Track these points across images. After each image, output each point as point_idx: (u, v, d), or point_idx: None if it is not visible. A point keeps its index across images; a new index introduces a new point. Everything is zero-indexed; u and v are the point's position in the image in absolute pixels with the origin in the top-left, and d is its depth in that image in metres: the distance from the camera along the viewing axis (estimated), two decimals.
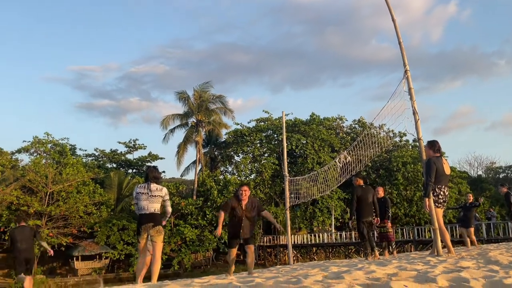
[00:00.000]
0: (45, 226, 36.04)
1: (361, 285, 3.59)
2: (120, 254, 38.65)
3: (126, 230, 39.04)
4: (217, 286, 4.53)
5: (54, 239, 35.64)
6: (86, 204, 38.13)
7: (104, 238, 38.48)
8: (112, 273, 39.21)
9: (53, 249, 36.63)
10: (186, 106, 46.07)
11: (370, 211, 9.33)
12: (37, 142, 45.77)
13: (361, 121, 53.13)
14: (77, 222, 37.27)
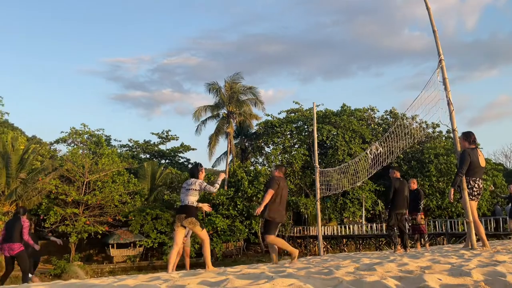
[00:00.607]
0: (82, 215, 37.40)
1: (393, 277, 3.58)
2: (154, 242, 39.69)
3: (159, 219, 40.04)
4: (249, 275, 4.62)
5: (90, 227, 36.97)
6: (121, 193, 39.27)
7: (138, 226, 39.59)
8: (145, 261, 40.39)
9: (90, 237, 38.31)
10: (217, 97, 46.53)
11: (404, 203, 9.47)
12: (74, 133, 47.37)
13: (393, 111, 52.32)
14: (112, 211, 38.49)
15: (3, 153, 36.57)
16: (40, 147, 42.88)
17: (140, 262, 39.95)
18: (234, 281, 3.99)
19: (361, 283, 3.26)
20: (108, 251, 40.25)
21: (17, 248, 8.77)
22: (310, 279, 3.69)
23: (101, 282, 4.95)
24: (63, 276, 32.73)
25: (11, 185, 36.48)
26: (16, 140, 38.89)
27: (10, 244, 8.72)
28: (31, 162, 38.31)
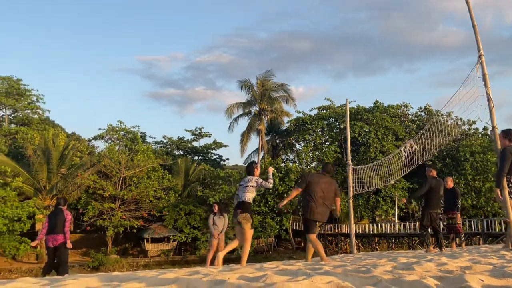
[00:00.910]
0: (119, 209, 38.51)
1: (433, 277, 3.55)
2: (187, 237, 40.42)
3: (193, 215, 40.73)
4: (286, 271, 4.67)
5: (126, 222, 38.03)
6: (156, 189, 40.18)
7: (172, 221, 40.41)
8: (179, 255, 41.19)
9: (126, 231, 39.43)
10: (249, 94, 46.81)
11: (438, 203, 9.31)
12: (111, 130, 48.77)
13: (427, 108, 51.21)
14: (147, 206, 39.45)
15: (45, 149, 38.05)
16: (79, 143, 44.37)
17: (173, 256, 40.80)
18: (272, 277, 4.04)
19: (400, 282, 3.32)
20: (143, 245, 41.27)
21: (60, 239, 9.00)
22: (349, 277, 3.79)
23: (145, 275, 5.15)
24: (101, 268, 33.86)
25: (52, 180, 37.95)
26: (56, 136, 40.39)
27: (54, 235, 8.97)
28: (71, 158, 39.72)
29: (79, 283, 4.08)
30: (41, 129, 45.35)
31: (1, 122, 48.27)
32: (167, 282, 3.86)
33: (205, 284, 3.66)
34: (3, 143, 43.69)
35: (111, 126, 49.12)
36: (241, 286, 3.48)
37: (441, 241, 9.36)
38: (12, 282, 4.41)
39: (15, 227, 34.16)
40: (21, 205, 34.63)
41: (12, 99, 47.13)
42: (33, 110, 49.00)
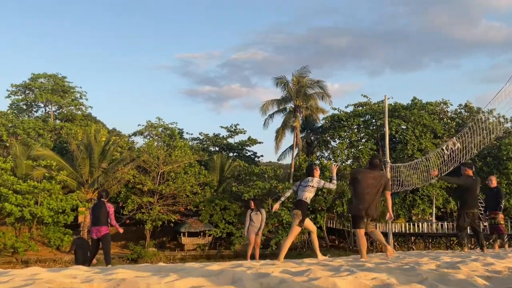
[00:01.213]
0: (157, 204, 39.44)
1: (481, 276, 3.53)
2: (222, 232, 40.94)
3: (228, 210, 41.21)
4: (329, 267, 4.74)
5: (164, 216, 38.92)
6: (192, 184, 40.90)
7: (207, 216, 41.03)
8: (214, 250, 41.80)
9: (163, 225, 40.32)
10: (284, 91, 46.71)
11: (476, 203, 9.08)
12: (150, 126, 49.93)
13: (468, 105, 49.65)
14: (184, 201, 40.23)
15: (87, 145, 39.44)
16: (120, 139, 45.68)
17: (209, 250, 41.44)
18: (316, 271, 4.10)
19: (447, 280, 3.34)
20: (180, 239, 42.12)
21: (104, 231, 9.39)
22: (393, 274, 3.84)
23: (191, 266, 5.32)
24: (139, 260, 34.84)
25: (94, 174, 39.31)
26: (98, 132, 41.77)
27: (98, 227, 9.35)
28: (112, 153, 40.98)
29: (129, 272, 4.33)
30: (84, 125, 46.96)
31: (47, 118, 50.26)
32: (213, 273, 4.00)
33: (249, 276, 3.77)
34: (49, 138, 45.54)
35: (150, 122, 50.33)
36: (285, 279, 3.56)
37: (482, 241, 9.16)
38: (67, 269, 4.70)
39: (60, 219, 35.63)
40: (65, 198, 36.09)
41: (57, 96, 48.98)
42: (77, 106, 50.73)
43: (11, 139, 43.77)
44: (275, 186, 41.49)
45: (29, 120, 47.09)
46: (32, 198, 34.80)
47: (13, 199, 33.96)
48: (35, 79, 49.24)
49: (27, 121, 46.69)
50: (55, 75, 49.71)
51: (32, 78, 49.30)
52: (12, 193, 34.36)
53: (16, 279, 3.69)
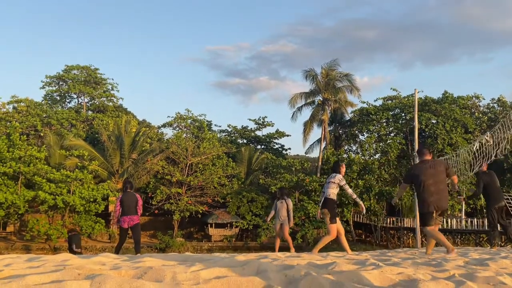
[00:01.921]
0: (185, 194, 40.00)
1: (510, 274, 3.48)
2: (249, 224, 41.21)
3: (255, 202, 41.41)
4: (354, 261, 4.73)
5: (192, 207, 39.46)
6: (220, 176, 41.26)
7: (235, 208, 41.36)
8: (241, 241, 42.14)
9: (191, 215, 40.92)
10: (313, 84, 46.32)
11: (500, 195, 9.02)
12: (179, 118, 50.55)
13: (501, 100, 48.06)
14: (211, 192, 40.65)
15: (118, 135, 40.29)
16: (149, 130, 46.46)
17: (235, 242, 41.80)
18: (341, 265, 4.09)
19: (475, 277, 3.28)
20: (207, 230, 42.63)
21: (136, 220, 9.63)
22: (419, 269, 3.80)
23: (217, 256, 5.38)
24: (167, 250, 35.51)
25: (124, 165, 40.17)
26: (129, 123, 42.57)
27: (130, 216, 9.57)
28: (141, 144, 41.75)
29: (156, 260, 4.42)
30: (115, 116, 47.91)
31: (80, 109, 51.56)
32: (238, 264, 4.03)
33: (274, 268, 3.79)
34: (81, 129, 46.75)
35: (179, 114, 50.90)
36: (310, 272, 3.56)
37: (510, 234, 8.94)
38: (96, 256, 4.84)
39: (91, 208, 36.62)
40: (97, 187, 37.04)
41: (90, 87, 50.12)
42: (108, 98, 51.74)
43: (45, 129, 45.15)
44: (302, 179, 41.40)
45: (63, 111, 48.38)
46: (65, 187, 35.86)
47: (47, 188, 35.09)
48: (69, 70, 50.47)
49: (60, 111, 47.99)
50: (88, 67, 50.83)
51: (66, 69, 50.55)
52: (46, 182, 35.51)
53: (47, 264, 3.82)
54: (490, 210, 8.92)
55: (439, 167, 6.61)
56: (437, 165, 6.66)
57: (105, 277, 2.92)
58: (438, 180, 6.50)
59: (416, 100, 21.89)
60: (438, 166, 6.64)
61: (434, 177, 6.51)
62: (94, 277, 2.94)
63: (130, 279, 3.02)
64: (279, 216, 10.55)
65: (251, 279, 3.14)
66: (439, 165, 6.66)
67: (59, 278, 3.03)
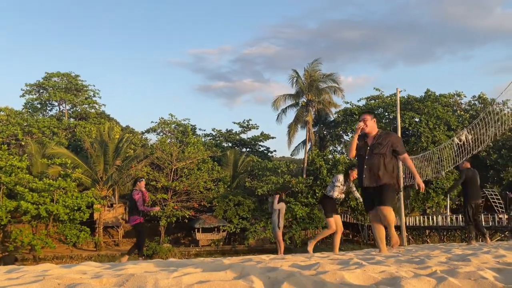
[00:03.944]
0: (171, 200, 39.76)
1: (491, 269, 3.50)
2: (236, 227, 41.15)
3: (241, 206, 41.37)
4: (338, 260, 4.71)
5: (178, 212, 39.24)
6: (206, 180, 41.15)
7: (221, 212, 41.26)
8: (229, 245, 42.04)
9: (177, 221, 40.68)
10: (297, 85, 46.58)
11: (478, 193, 9.41)
12: (163, 123, 50.31)
13: (482, 97, 49.00)
14: (198, 197, 40.51)
15: (101, 142, 39.87)
16: (133, 136, 46.11)
17: (223, 246, 41.68)
18: (325, 265, 4.10)
19: (456, 273, 3.31)
20: (194, 234, 42.44)
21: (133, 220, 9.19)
22: (402, 267, 3.82)
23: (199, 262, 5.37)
24: (154, 256, 35.18)
25: (108, 172, 39.75)
26: (112, 130, 42.19)
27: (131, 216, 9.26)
28: (125, 150, 41.39)
29: (138, 267, 4.37)
30: (97, 122, 47.43)
31: (62, 116, 50.91)
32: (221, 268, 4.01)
33: (258, 271, 3.78)
34: (63, 137, 46.14)
35: (163, 119, 50.67)
36: (294, 273, 3.56)
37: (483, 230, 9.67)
38: (77, 266, 4.77)
39: (76, 216, 36.14)
40: (81, 196, 36.58)
41: (71, 94, 49.55)
42: (90, 104, 51.21)
43: (26, 138, 44.47)
44: (288, 181, 41.51)
45: (44, 119, 47.72)
46: (48, 196, 35.33)
47: (29, 197, 34.53)
48: (49, 78, 49.85)
49: (41, 119, 47.33)
50: (68, 74, 50.27)
51: (46, 77, 49.91)
52: (28, 191, 34.94)
53: (27, 275, 3.74)
54: (466, 206, 9.38)
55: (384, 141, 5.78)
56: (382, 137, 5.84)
57: (86, 286, 2.87)
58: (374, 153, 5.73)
59: (398, 100, 22.14)
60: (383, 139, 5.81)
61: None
62: (74, 287, 2.89)
63: (111, 287, 2.97)
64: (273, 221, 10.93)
65: (234, 282, 3.12)
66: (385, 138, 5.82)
67: None
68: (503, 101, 33.67)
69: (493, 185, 42.54)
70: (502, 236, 33.36)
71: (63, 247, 38.04)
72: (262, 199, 42.75)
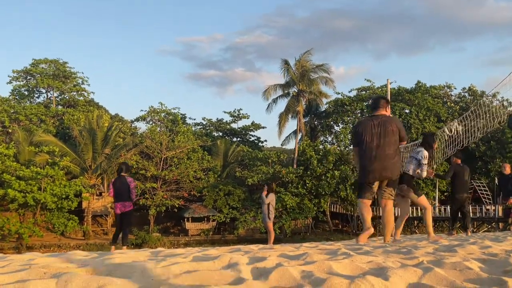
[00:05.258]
0: (160, 189, 39.66)
1: (476, 259, 3.55)
2: (226, 217, 41.22)
3: (231, 195, 41.40)
4: (326, 251, 4.70)
5: (168, 201, 39.19)
6: (196, 169, 41.08)
7: (211, 202, 41.27)
8: (218, 235, 42.14)
9: (167, 210, 40.64)
10: (288, 76, 46.47)
11: (464, 187, 9.76)
12: (152, 111, 49.91)
13: (472, 89, 49.39)
14: (187, 186, 40.47)
15: (90, 130, 39.52)
16: (122, 124, 45.77)
17: (213, 235, 41.78)
18: (313, 255, 4.12)
19: (442, 263, 3.35)
20: (184, 224, 42.44)
21: (129, 206, 9.08)
22: (389, 257, 3.85)
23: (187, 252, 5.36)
24: (143, 245, 35.20)
25: (97, 160, 39.48)
26: (101, 118, 41.81)
27: (122, 202, 9.01)
28: (114, 139, 41.09)
29: (126, 256, 4.35)
30: (86, 110, 46.94)
31: (49, 103, 50.30)
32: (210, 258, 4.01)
33: (245, 261, 3.78)
34: (51, 124, 45.65)
35: (153, 107, 50.23)
36: (282, 263, 3.57)
37: (467, 224, 9.89)
38: (64, 255, 4.73)
39: (64, 205, 35.93)
40: (69, 184, 36.33)
41: (59, 81, 48.91)
42: (79, 92, 50.63)
43: (13, 125, 43.93)
44: (278, 171, 41.60)
45: (31, 106, 47.12)
46: (35, 184, 35.05)
47: (16, 185, 34.22)
48: (36, 64, 49.13)
49: (29, 107, 46.73)
50: (56, 61, 49.58)
51: (33, 63, 49.19)
52: (15, 179, 34.62)
53: (12, 264, 3.70)
54: (453, 199, 9.91)
55: (390, 126, 5.47)
56: (388, 123, 5.49)
57: (72, 275, 2.84)
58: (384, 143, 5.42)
59: (389, 91, 22.29)
60: (388, 124, 5.48)
61: (380, 138, 5.46)
62: (60, 276, 2.86)
63: (98, 276, 2.95)
64: (263, 211, 11.13)
65: (222, 272, 3.11)
66: (390, 124, 5.50)
67: (24, 278, 2.93)
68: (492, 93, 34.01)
69: (481, 176, 43.06)
70: (489, 227, 33.87)
71: (50, 235, 37.84)
72: (253, 189, 42.83)
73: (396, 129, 5.47)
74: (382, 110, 5.66)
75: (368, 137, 5.45)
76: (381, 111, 5.65)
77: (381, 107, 5.67)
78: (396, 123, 5.58)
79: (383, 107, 5.68)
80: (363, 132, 5.52)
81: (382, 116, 5.58)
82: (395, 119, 5.75)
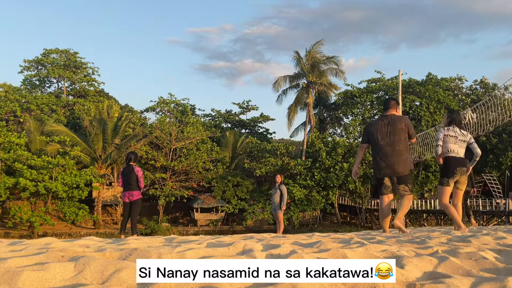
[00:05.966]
0: (169, 180, 39.88)
1: (492, 250, 3.54)
2: (234, 208, 41.40)
3: (240, 187, 41.53)
4: (339, 239, 4.73)
5: (177, 192, 39.41)
6: (205, 160, 41.21)
7: (220, 192, 41.44)
8: (227, 226, 42.36)
9: (176, 200, 40.86)
10: (298, 67, 46.22)
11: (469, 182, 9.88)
12: (162, 102, 50.03)
13: (484, 81, 48.78)
14: (196, 177, 40.64)
15: (100, 120, 39.75)
16: (132, 115, 45.90)
17: (221, 226, 42.02)
18: (326, 243, 4.13)
19: (457, 253, 3.34)
20: (193, 214, 42.72)
21: (136, 195, 9.15)
22: (403, 247, 3.84)
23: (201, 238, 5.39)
24: (153, 235, 35.47)
25: (107, 150, 39.75)
26: (111, 108, 41.99)
27: (130, 191, 9.09)
28: (124, 129, 41.30)
29: (141, 242, 4.40)
30: (96, 100, 47.18)
31: (60, 93, 50.61)
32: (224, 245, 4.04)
33: (259, 247, 3.80)
34: (62, 114, 45.97)
35: (162, 98, 50.36)
36: (295, 250, 3.59)
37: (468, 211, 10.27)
38: (80, 239, 4.79)
39: (74, 194, 36.28)
40: (79, 173, 36.65)
41: (69, 71, 49.14)
42: (89, 82, 50.83)
43: (25, 114, 44.30)
44: (287, 163, 41.59)
45: (42, 96, 47.45)
46: (46, 173, 35.40)
47: (28, 174, 34.60)
48: (47, 54, 49.38)
49: (40, 96, 47.07)
50: (67, 51, 49.80)
51: (44, 53, 49.44)
52: (26, 168, 34.99)
53: (29, 248, 3.76)
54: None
55: (399, 124, 5.80)
56: (397, 121, 5.83)
57: (89, 258, 2.88)
58: (394, 140, 5.75)
59: (400, 82, 22.06)
60: (398, 123, 5.82)
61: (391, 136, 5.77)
62: (78, 259, 2.90)
63: (115, 260, 2.99)
64: (273, 202, 11.07)
65: (237, 258, 3.14)
66: (399, 122, 5.82)
67: (42, 261, 2.98)
68: (505, 86, 33.61)
69: (492, 169, 42.67)
70: (499, 221, 33.65)
71: (61, 224, 38.29)
72: (261, 181, 42.90)
73: (405, 127, 5.84)
74: (392, 110, 6.05)
75: (379, 136, 5.87)
76: (391, 111, 6.04)
77: (391, 107, 6.07)
78: (405, 121, 5.93)
79: (393, 108, 6.08)
80: (374, 131, 5.94)
81: (392, 116, 5.96)
82: (404, 118, 6.06)
